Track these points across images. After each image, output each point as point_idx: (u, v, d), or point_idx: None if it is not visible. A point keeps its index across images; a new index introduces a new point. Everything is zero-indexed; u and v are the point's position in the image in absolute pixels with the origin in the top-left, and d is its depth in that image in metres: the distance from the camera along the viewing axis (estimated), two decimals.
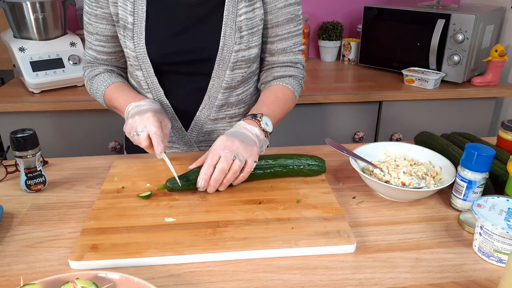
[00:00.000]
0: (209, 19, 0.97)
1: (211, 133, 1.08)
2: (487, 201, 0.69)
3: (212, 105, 1.03)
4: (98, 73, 1.05)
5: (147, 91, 1.03)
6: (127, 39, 0.97)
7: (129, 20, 0.95)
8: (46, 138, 1.60)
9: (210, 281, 0.62)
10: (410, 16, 1.78)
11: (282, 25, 1.00)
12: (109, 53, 1.04)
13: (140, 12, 0.95)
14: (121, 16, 0.96)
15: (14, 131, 0.82)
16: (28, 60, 1.60)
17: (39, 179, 0.85)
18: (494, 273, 0.64)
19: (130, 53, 0.98)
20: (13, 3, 1.57)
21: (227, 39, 0.96)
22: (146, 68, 0.99)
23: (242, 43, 0.97)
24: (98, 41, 1.02)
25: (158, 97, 1.02)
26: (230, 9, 0.95)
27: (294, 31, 1.02)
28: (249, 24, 0.96)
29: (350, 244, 0.68)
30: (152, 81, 1.01)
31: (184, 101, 1.04)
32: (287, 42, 1.03)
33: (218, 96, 1.02)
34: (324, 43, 2.09)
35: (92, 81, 1.05)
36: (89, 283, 0.56)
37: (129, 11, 0.95)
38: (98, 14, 0.98)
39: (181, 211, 0.77)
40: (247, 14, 0.95)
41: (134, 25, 0.95)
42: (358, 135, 1.79)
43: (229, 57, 0.97)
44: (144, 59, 0.97)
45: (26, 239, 0.72)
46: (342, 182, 0.89)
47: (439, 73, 1.74)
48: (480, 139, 0.97)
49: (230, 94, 1.04)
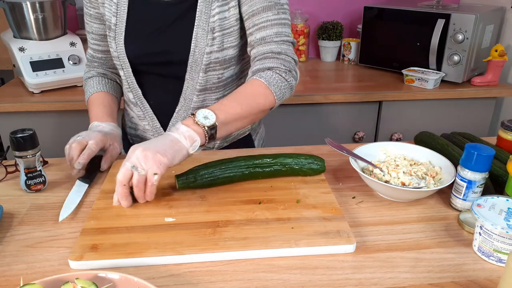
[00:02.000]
0: (183, 20, 0.96)
1: None
2: (487, 201, 0.69)
3: (188, 107, 1.03)
4: (91, 76, 1.10)
5: (128, 90, 1.06)
6: (111, 39, 1.00)
7: (112, 21, 0.98)
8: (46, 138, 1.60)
9: (210, 281, 0.62)
10: (410, 16, 1.78)
11: (258, 14, 0.92)
12: (104, 51, 1.08)
13: (122, 13, 0.97)
14: (106, 17, 0.99)
15: (14, 131, 0.82)
16: (28, 60, 1.60)
17: (39, 179, 0.85)
18: (494, 273, 0.64)
19: (113, 53, 1.01)
20: (13, 3, 1.57)
21: (198, 41, 0.95)
22: (126, 68, 1.01)
23: (215, 45, 0.94)
24: (94, 39, 1.07)
25: (138, 96, 1.05)
26: (203, 9, 0.94)
27: (274, 19, 0.92)
28: (222, 24, 0.94)
29: (350, 244, 0.68)
30: (132, 81, 1.03)
31: (162, 102, 1.05)
32: (266, 31, 0.92)
33: (193, 98, 1.01)
34: (324, 43, 2.09)
35: (86, 83, 1.11)
36: (89, 283, 0.56)
37: (113, 12, 0.98)
38: (92, 14, 1.02)
39: (181, 211, 0.77)
40: (220, 14, 0.93)
41: (116, 25, 0.98)
42: (358, 135, 1.79)
43: (201, 59, 0.96)
44: (123, 59, 1.00)
45: (26, 239, 0.72)
46: (342, 182, 0.89)
47: (439, 73, 1.74)
48: (480, 139, 0.97)
49: (206, 97, 1.02)
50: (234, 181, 0.85)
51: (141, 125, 1.10)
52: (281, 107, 1.68)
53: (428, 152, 0.90)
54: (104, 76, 1.11)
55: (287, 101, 1.63)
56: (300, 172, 0.87)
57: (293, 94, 1.00)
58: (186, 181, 0.82)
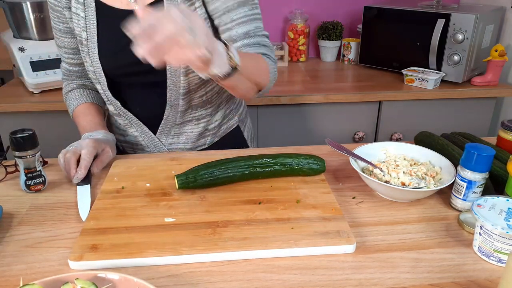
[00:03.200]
0: None
1: (180, 135, 1.09)
2: (487, 201, 0.69)
3: (176, 111, 1.03)
4: (71, 89, 1.11)
5: (108, 103, 1.05)
6: (84, 54, 0.99)
7: (83, 36, 0.97)
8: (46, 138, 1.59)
9: (210, 281, 0.62)
10: (410, 16, 1.78)
11: (234, 9, 0.92)
12: (79, 64, 1.08)
13: (91, 27, 0.96)
14: (76, 32, 0.98)
15: (14, 131, 0.82)
16: (28, 60, 1.60)
17: (38, 179, 0.85)
18: (494, 273, 0.64)
19: (89, 67, 1.00)
20: (13, 3, 1.57)
21: None
22: (102, 82, 1.01)
23: None
24: (67, 53, 1.06)
25: (118, 107, 1.04)
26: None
27: (251, 14, 0.94)
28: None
29: (350, 244, 0.68)
30: (108, 94, 1.03)
31: (147, 109, 1.05)
32: (248, 25, 0.93)
33: (179, 102, 1.02)
34: (324, 43, 2.09)
35: (66, 96, 1.11)
36: (89, 283, 0.56)
37: (82, 27, 0.97)
38: (62, 29, 1.02)
39: (180, 211, 0.77)
40: None
41: (88, 40, 0.97)
42: (358, 135, 1.79)
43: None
44: (99, 73, 0.99)
45: (26, 239, 0.72)
46: (342, 182, 0.89)
47: (439, 73, 1.74)
48: (480, 139, 0.96)
49: (191, 98, 1.02)
50: (234, 181, 0.85)
51: (129, 131, 1.10)
52: (281, 107, 1.68)
53: (428, 152, 0.90)
54: (85, 87, 1.11)
55: (287, 101, 1.65)
56: (300, 172, 0.87)
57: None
58: (186, 181, 0.81)
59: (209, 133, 1.11)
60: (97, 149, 0.92)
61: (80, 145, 0.92)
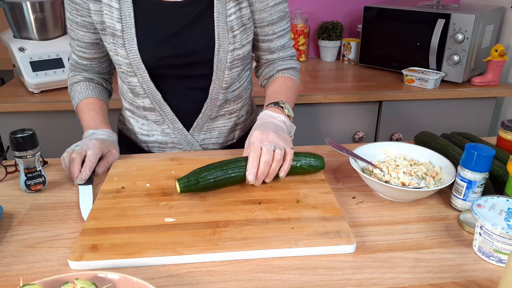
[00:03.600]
0: (200, 20, 0.96)
1: (212, 131, 1.09)
2: (487, 201, 0.69)
3: (214, 105, 1.05)
4: (77, 81, 1.08)
5: (143, 96, 1.02)
6: (118, 46, 0.96)
7: (117, 27, 0.95)
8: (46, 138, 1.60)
9: (210, 281, 0.62)
10: (410, 16, 1.78)
11: (277, 23, 1.02)
12: (90, 59, 1.06)
13: (127, 18, 0.95)
14: (108, 24, 0.95)
15: (14, 131, 0.82)
16: (28, 60, 1.60)
17: (38, 179, 0.85)
18: (494, 273, 0.64)
19: (123, 60, 0.97)
20: (13, 3, 1.57)
21: (221, 40, 0.96)
22: (141, 74, 0.98)
23: (236, 42, 0.97)
24: (79, 47, 1.04)
25: (156, 101, 1.02)
26: (219, 9, 0.95)
27: (287, 28, 1.06)
28: (239, 22, 0.97)
29: (350, 244, 0.68)
30: (149, 86, 1.00)
31: (185, 102, 1.05)
32: (284, 39, 1.07)
33: (220, 96, 1.03)
34: (324, 43, 2.09)
35: (71, 88, 1.09)
36: (89, 283, 0.56)
37: (116, 18, 0.94)
38: (79, 22, 0.99)
39: (180, 211, 0.77)
40: (236, 13, 0.96)
41: (124, 32, 0.95)
42: (358, 135, 1.79)
43: (225, 58, 0.98)
44: (138, 65, 0.97)
45: (26, 239, 0.72)
46: (342, 182, 0.89)
47: (439, 73, 1.74)
48: (480, 139, 0.96)
49: (228, 93, 1.05)
50: (237, 181, 0.83)
51: (158, 129, 1.08)
52: None
53: (428, 152, 0.90)
54: (91, 81, 1.09)
55: None
56: (300, 170, 0.87)
57: None
58: (188, 184, 0.79)
59: (238, 127, 1.14)
60: (102, 150, 0.92)
61: (86, 145, 0.91)
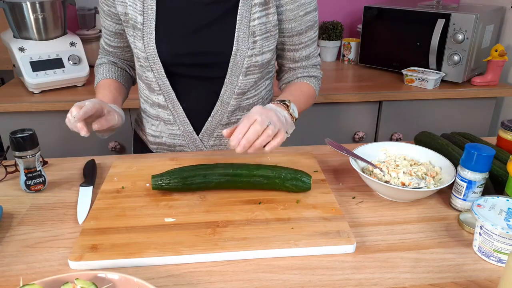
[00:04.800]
0: (222, 21, 0.95)
1: (222, 138, 1.07)
2: (487, 201, 0.69)
3: (225, 110, 1.02)
4: (102, 62, 1.11)
5: (158, 92, 1.01)
6: (137, 39, 0.95)
7: (138, 19, 0.94)
8: (46, 138, 1.60)
9: (210, 281, 0.62)
10: (410, 16, 1.78)
11: (305, 33, 1.00)
12: (114, 46, 1.08)
13: (149, 11, 0.93)
14: (130, 15, 0.94)
15: (14, 131, 0.82)
16: (28, 60, 1.60)
17: (38, 179, 0.85)
18: (494, 273, 0.64)
19: (140, 53, 0.96)
20: (13, 3, 1.57)
21: (240, 44, 0.94)
22: (157, 69, 0.97)
23: (256, 48, 0.95)
24: (106, 34, 1.07)
25: (170, 99, 1.01)
26: (243, 13, 0.93)
27: (314, 37, 1.04)
28: (262, 29, 0.95)
29: (350, 244, 0.68)
30: (164, 83, 0.99)
31: (196, 105, 1.03)
32: (310, 48, 1.05)
33: (231, 101, 1.01)
34: (324, 43, 2.09)
35: (96, 69, 1.11)
36: (89, 283, 0.56)
37: (139, 10, 0.93)
38: (105, 11, 1.00)
39: (180, 211, 0.77)
40: (260, 19, 0.94)
41: (144, 24, 0.93)
42: (358, 135, 1.79)
43: (242, 62, 0.96)
44: (154, 59, 0.95)
45: (26, 239, 0.72)
46: (342, 182, 0.89)
47: (439, 73, 1.74)
48: (480, 139, 0.96)
49: (242, 100, 1.03)
50: (210, 188, 0.82)
51: (168, 131, 1.07)
52: None
53: (428, 152, 0.90)
54: (115, 65, 1.10)
55: None
56: (282, 188, 0.82)
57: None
58: (159, 183, 0.80)
59: None
60: (102, 107, 0.85)
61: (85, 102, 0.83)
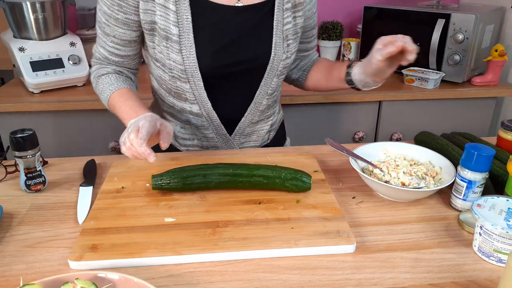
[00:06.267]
0: (259, 28, 0.95)
1: (251, 134, 1.10)
2: (487, 201, 0.69)
3: (257, 110, 1.05)
4: (106, 72, 1.01)
5: (192, 102, 0.99)
6: (172, 51, 0.92)
7: (173, 31, 0.90)
8: (46, 138, 1.60)
9: (210, 281, 0.62)
10: (410, 16, 1.78)
11: (316, 26, 1.10)
12: (123, 56, 1.00)
13: (185, 22, 0.90)
14: (161, 26, 0.90)
15: (14, 131, 0.82)
16: (28, 60, 1.60)
17: (38, 179, 0.85)
18: (494, 273, 0.64)
19: (176, 66, 0.93)
20: (13, 3, 1.57)
21: (277, 49, 0.97)
22: (194, 81, 0.95)
23: (289, 51, 0.99)
24: (114, 43, 0.98)
25: (205, 108, 1.00)
26: (279, 18, 0.96)
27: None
28: (292, 32, 0.99)
29: (349, 244, 0.68)
30: (200, 94, 0.97)
31: (230, 109, 1.04)
32: (316, 39, 1.15)
33: (263, 102, 1.04)
34: (324, 43, 2.09)
35: (99, 80, 1.01)
36: (89, 283, 0.56)
37: (172, 21, 0.89)
38: (119, 19, 0.93)
39: (180, 211, 0.77)
40: (291, 22, 0.98)
41: (181, 37, 0.90)
42: (358, 135, 1.79)
43: (277, 66, 0.99)
44: (194, 72, 0.94)
45: (26, 239, 0.72)
46: (342, 182, 0.89)
47: (439, 73, 1.74)
48: (480, 139, 0.96)
49: (271, 99, 1.06)
50: (210, 188, 0.82)
51: (200, 134, 1.06)
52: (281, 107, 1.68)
53: (428, 152, 0.90)
54: (121, 74, 1.03)
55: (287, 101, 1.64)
56: (283, 188, 0.82)
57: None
58: (159, 183, 0.80)
59: (272, 128, 1.15)
60: (154, 121, 0.83)
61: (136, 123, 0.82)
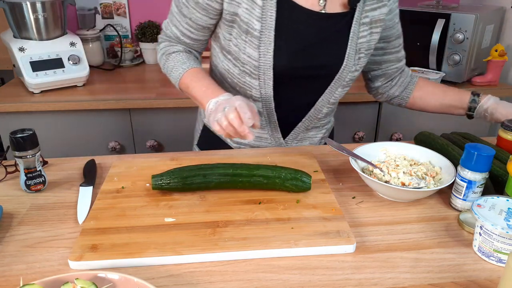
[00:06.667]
0: (336, 37, 0.96)
1: (304, 140, 1.09)
2: (487, 201, 0.69)
3: (315, 117, 1.05)
4: (176, 50, 1.01)
5: (256, 99, 0.99)
6: (250, 45, 0.91)
7: (255, 26, 0.89)
8: (46, 138, 1.60)
9: (210, 281, 0.62)
10: (410, 16, 1.78)
11: (400, 36, 1.08)
12: (194, 39, 1.00)
13: (269, 19, 0.89)
14: (244, 19, 0.90)
15: (14, 131, 0.82)
16: (28, 60, 1.60)
17: (38, 179, 0.85)
18: (494, 273, 0.64)
19: (251, 61, 0.93)
20: (13, 3, 1.57)
21: (349, 60, 0.97)
22: (265, 79, 0.95)
23: (359, 64, 0.99)
24: (188, 25, 0.97)
25: (268, 108, 1.00)
26: (355, 30, 0.95)
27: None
28: (366, 46, 0.98)
29: (349, 244, 0.68)
30: (267, 92, 0.97)
31: (290, 112, 1.03)
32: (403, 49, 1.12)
33: (323, 110, 1.04)
34: None
35: (169, 57, 1.00)
36: (89, 283, 0.56)
37: (257, 16, 0.88)
38: (200, 3, 0.92)
39: (180, 211, 0.77)
40: (366, 37, 0.98)
41: (262, 33, 0.89)
42: (358, 135, 1.79)
43: (345, 76, 0.99)
44: (267, 70, 0.93)
45: (26, 239, 0.72)
46: (342, 182, 0.89)
47: (439, 73, 1.74)
48: (480, 139, 0.96)
49: (330, 109, 1.06)
50: (211, 188, 0.82)
51: (256, 133, 1.05)
52: None
53: (428, 152, 0.90)
54: (191, 53, 1.02)
55: None
56: (283, 188, 0.82)
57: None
58: (159, 183, 0.80)
59: (324, 136, 1.14)
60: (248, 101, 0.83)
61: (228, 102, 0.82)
